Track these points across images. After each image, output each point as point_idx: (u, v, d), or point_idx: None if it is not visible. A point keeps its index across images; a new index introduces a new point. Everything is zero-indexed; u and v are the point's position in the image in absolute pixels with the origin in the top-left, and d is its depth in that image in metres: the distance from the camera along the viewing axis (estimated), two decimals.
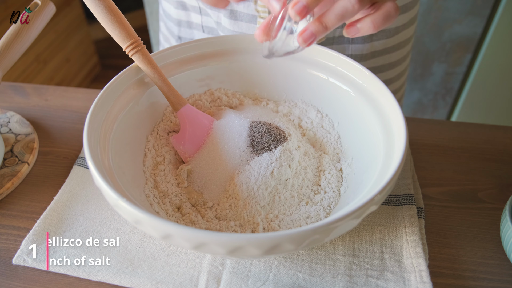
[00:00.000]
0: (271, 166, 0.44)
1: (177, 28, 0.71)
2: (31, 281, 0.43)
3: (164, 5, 0.73)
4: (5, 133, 0.58)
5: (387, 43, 0.65)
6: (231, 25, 0.61)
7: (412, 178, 0.52)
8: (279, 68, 0.54)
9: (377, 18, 0.38)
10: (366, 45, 0.64)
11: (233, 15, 0.60)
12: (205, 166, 0.47)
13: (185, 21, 0.69)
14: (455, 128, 0.62)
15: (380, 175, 0.39)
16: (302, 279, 0.42)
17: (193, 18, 0.68)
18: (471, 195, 0.52)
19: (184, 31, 0.71)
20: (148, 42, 1.71)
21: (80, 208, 0.49)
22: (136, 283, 0.41)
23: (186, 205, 0.45)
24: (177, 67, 0.52)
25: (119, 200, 0.33)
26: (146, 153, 0.47)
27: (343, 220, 0.32)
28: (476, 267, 0.44)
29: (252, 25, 0.61)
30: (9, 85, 0.70)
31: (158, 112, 0.51)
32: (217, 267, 0.42)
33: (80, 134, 0.60)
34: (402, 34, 0.67)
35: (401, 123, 0.40)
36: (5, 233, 0.47)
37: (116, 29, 0.44)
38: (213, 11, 0.63)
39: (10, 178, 0.52)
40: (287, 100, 0.56)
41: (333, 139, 0.51)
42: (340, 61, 0.49)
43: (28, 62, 1.65)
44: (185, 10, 0.68)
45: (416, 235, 0.45)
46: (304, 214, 0.44)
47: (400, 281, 0.41)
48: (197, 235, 0.31)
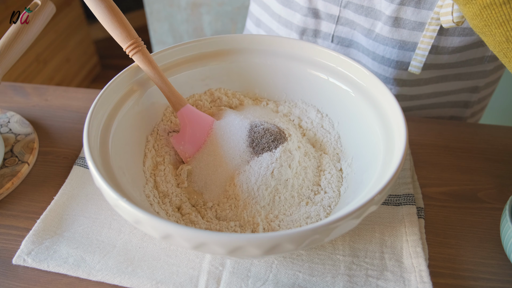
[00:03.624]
0: (271, 167, 0.44)
1: (296, 36, 0.69)
2: (31, 281, 0.43)
3: (277, 10, 0.70)
4: (5, 133, 0.58)
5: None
6: (391, 33, 0.60)
7: (412, 178, 0.52)
8: (279, 68, 0.54)
9: None
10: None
11: (396, 23, 0.59)
12: (205, 166, 0.47)
13: (311, 29, 0.67)
14: (455, 128, 0.62)
15: (380, 175, 0.39)
16: (302, 279, 0.42)
17: (323, 27, 0.66)
18: (471, 195, 0.52)
19: (305, 39, 0.68)
20: (148, 42, 1.71)
21: (80, 208, 0.49)
22: (136, 283, 0.41)
23: (186, 205, 0.45)
24: (177, 67, 0.52)
25: (119, 200, 0.33)
26: (146, 153, 0.47)
27: (343, 220, 0.32)
28: (476, 267, 0.44)
29: (415, 32, 0.59)
30: (9, 85, 0.70)
31: (158, 112, 0.51)
32: (217, 267, 0.42)
33: (80, 134, 0.60)
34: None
35: (401, 123, 0.40)
36: (5, 233, 0.47)
37: (116, 29, 0.44)
38: (368, 18, 0.61)
39: (10, 178, 0.52)
40: (287, 100, 0.56)
41: (333, 139, 0.51)
42: (340, 61, 0.49)
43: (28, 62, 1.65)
44: (315, 18, 0.66)
45: (416, 235, 0.45)
46: (304, 214, 0.44)
47: (400, 281, 0.41)
48: (197, 235, 0.31)
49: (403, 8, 0.58)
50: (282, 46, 0.53)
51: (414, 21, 0.58)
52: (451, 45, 0.61)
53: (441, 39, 0.60)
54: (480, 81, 0.69)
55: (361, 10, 0.61)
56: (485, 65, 0.66)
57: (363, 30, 0.63)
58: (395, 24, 0.59)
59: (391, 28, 0.60)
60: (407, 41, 0.60)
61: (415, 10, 0.58)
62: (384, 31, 0.61)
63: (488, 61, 0.66)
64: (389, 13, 0.59)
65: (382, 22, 0.60)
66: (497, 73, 0.71)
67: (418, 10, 0.57)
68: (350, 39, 0.65)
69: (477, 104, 0.74)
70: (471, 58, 0.64)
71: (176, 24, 1.58)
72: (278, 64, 0.53)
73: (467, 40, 0.60)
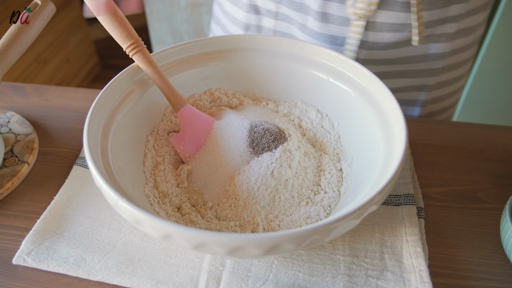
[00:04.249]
0: (271, 167, 0.44)
1: (242, 32, 0.70)
2: (31, 281, 0.43)
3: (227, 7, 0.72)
4: (5, 133, 0.58)
5: (466, 40, 0.66)
6: (320, 28, 0.61)
7: (412, 178, 0.52)
8: (279, 68, 0.54)
9: None
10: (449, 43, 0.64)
11: (324, 18, 0.59)
12: (205, 166, 0.47)
13: (254, 25, 0.68)
14: (455, 128, 0.62)
15: (380, 175, 0.39)
16: (302, 279, 0.42)
17: (265, 22, 0.67)
18: (471, 195, 0.52)
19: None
20: (148, 42, 1.71)
21: (80, 208, 0.49)
22: (136, 283, 0.41)
23: (186, 205, 0.45)
24: (177, 67, 0.52)
25: (119, 200, 0.33)
26: (146, 153, 0.47)
27: (343, 220, 0.32)
28: (476, 267, 0.44)
29: (343, 27, 0.60)
30: (9, 85, 0.70)
31: (158, 112, 0.51)
32: (217, 267, 0.42)
33: (80, 134, 0.60)
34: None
35: (401, 123, 0.40)
36: (5, 233, 0.47)
37: (116, 29, 0.44)
38: (300, 13, 0.62)
39: (10, 178, 0.52)
40: (287, 100, 0.56)
41: (333, 139, 0.51)
42: (340, 61, 0.49)
43: (28, 62, 1.65)
44: (257, 14, 0.67)
45: (416, 235, 0.45)
46: (304, 214, 0.44)
47: (400, 281, 0.41)
48: (197, 235, 0.31)
49: (329, 3, 0.59)
50: (282, 46, 0.53)
51: (340, 16, 0.59)
52: (381, 40, 0.61)
53: (370, 35, 0.60)
54: (429, 80, 0.69)
55: (293, 6, 0.62)
56: (432, 63, 0.67)
57: (299, 25, 0.64)
58: (323, 19, 0.60)
59: (320, 23, 0.60)
60: (337, 36, 0.61)
61: (340, 6, 0.59)
62: (315, 26, 0.61)
63: (433, 59, 0.66)
64: (316, 8, 0.59)
65: (312, 17, 0.61)
66: (450, 73, 0.70)
67: (342, 5, 0.58)
68: (290, 34, 0.66)
69: (431, 104, 0.74)
70: (412, 55, 0.65)
71: (176, 24, 1.58)
72: (278, 64, 0.53)
73: (398, 36, 0.61)
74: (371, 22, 0.58)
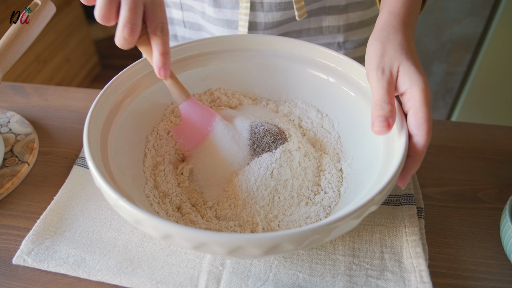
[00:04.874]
0: (270, 167, 0.44)
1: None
2: (31, 281, 0.43)
3: None
4: (5, 133, 0.58)
5: (363, 15, 0.66)
6: (216, 13, 0.62)
7: (412, 178, 0.52)
8: (279, 68, 0.54)
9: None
10: (342, 16, 0.64)
11: (216, 3, 0.60)
12: (206, 166, 0.47)
13: (167, 17, 0.69)
14: (455, 128, 0.62)
15: (380, 175, 0.39)
16: (302, 279, 0.42)
17: (174, 14, 0.68)
18: (471, 195, 0.52)
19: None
20: None
21: (80, 208, 0.49)
22: (136, 283, 0.41)
23: (186, 205, 0.45)
24: (177, 67, 0.52)
25: (119, 200, 0.33)
26: (146, 153, 0.47)
27: (343, 220, 0.32)
28: (476, 267, 0.44)
29: (236, 11, 0.61)
30: (9, 85, 0.70)
31: (158, 112, 0.51)
32: (217, 267, 0.42)
33: (80, 134, 0.60)
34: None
35: (401, 123, 0.40)
36: (5, 233, 0.47)
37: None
38: (197, 1, 0.63)
39: (10, 178, 0.52)
40: (287, 100, 0.56)
41: (333, 139, 0.51)
42: (340, 61, 0.49)
43: (28, 62, 1.64)
44: (166, 7, 0.68)
45: (416, 235, 0.45)
46: (304, 215, 0.44)
47: (400, 281, 0.41)
48: (197, 235, 0.31)
49: None
50: (282, 46, 0.53)
51: (230, 0, 0.60)
52: (274, 19, 0.61)
53: (260, 15, 0.61)
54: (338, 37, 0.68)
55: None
56: (333, 36, 0.66)
57: (200, 13, 0.65)
58: (216, 5, 0.61)
59: (214, 8, 0.61)
60: (232, 20, 0.62)
61: None
62: (211, 12, 0.62)
63: (330, 32, 0.66)
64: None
65: (207, 4, 0.62)
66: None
67: None
68: (197, 23, 0.67)
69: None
70: (306, 28, 0.65)
71: None
72: (278, 64, 0.53)
73: (288, 14, 0.61)
74: (259, 3, 0.59)
